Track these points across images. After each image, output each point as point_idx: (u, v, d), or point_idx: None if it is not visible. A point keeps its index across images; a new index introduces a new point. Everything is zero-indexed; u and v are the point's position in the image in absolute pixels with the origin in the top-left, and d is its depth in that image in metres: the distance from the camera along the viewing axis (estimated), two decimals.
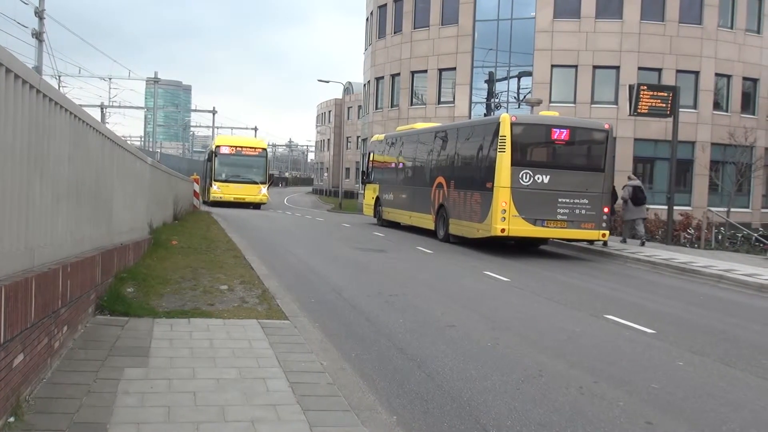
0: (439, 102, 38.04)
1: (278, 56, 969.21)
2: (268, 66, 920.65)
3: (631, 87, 22.58)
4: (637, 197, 20.11)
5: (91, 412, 4.58)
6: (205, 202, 37.90)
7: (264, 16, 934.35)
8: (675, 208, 22.56)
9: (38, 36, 30.40)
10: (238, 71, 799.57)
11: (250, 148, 39.39)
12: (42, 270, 5.08)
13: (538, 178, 17.08)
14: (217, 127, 79.38)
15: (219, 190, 37.38)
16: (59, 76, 49.60)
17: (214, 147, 39.16)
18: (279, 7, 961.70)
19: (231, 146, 38.84)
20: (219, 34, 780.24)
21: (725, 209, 27.01)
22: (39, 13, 30.39)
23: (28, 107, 4.86)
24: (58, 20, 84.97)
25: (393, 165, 26.30)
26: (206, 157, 43.21)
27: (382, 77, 42.24)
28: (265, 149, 39.75)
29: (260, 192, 38.25)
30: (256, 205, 38.44)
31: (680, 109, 22.86)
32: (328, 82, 50.50)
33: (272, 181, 41.45)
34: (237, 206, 36.08)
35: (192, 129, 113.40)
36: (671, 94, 22.22)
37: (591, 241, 18.69)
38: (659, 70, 33.19)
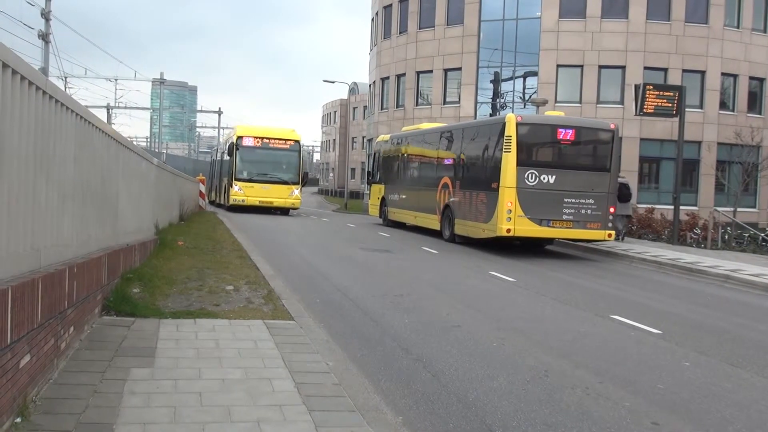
0: (445, 102, 38.03)
1: (281, 56, 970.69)
2: (271, 66, 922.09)
3: (636, 87, 22.59)
4: (623, 194, 20.32)
5: (98, 412, 4.59)
6: (217, 204, 35.47)
7: (266, 16, 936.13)
8: (681, 208, 22.52)
9: (44, 37, 30.48)
10: (241, 71, 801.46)
11: (280, 139, 31.75)
12: (48, 271, 5.10)
13: (544, 178, 17.05)
14: (223, 128, 79.52)
15: (241, 192, 30.64)
16: (65, 77, 49.72)
17: (234, 138, 31.95)
18: (280, 7, 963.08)
19: (256, 137, 31.46)
20: (221, 34, 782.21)
21: (732, 209, 26.92)
22: (45, 15, 30.48)
23: (35, 108, 4.88)
24: (63, 21, 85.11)
25: (398, 165, 26.30)
26: (224, 150, 35.45)
27: (388, 77, 42.24)
28: (297, 141, 31.97)
29: (291, 194, 31.38)
30: (285, 211, 32.20)
31: (686, 109, 22.83)
32: (333, 82, 50.48)
33: (306, 181, 33.45)
34: (262, 211, 31.44)
35: (198, 130, 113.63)
36: (677, 94, 22.19)
37: (589, 241, 18.61)
38: (665, 70, 33.09)
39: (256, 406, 4.88)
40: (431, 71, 38.61)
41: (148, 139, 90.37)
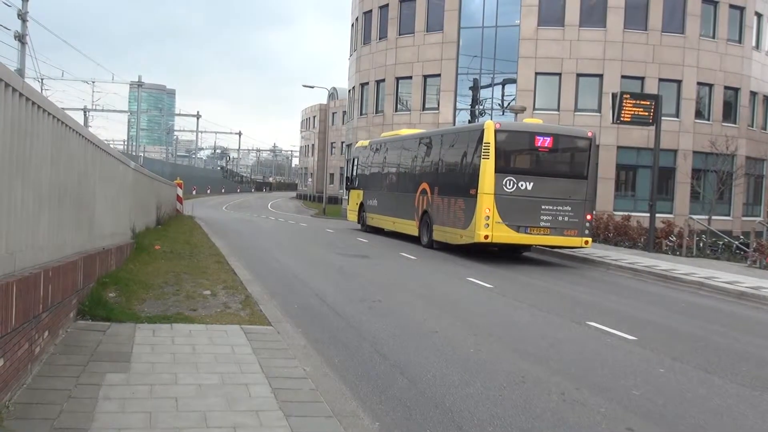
0: (424, 108, 38.10)
1: (261, 60, 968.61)
2: (251, 70, 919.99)
3: (614, 95, 22.76)
4: None
5: (72, 417, 4.54)
6: None
7: (246, 18, 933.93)
8: (657, 215, 22.72)
9: (21, 38, 30.16)
10: (220, 75, 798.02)
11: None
12: (23, 274, 5.04)
13: (522, 185, 17.16)
14: (201, 131, 79.13)
15: None
16: (42, 79, 49.25)
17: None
18: (262, 10, 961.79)
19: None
20: (200, 37, 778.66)
21: (707, 217, 27.21)
22: (22, 16, 30.15)
23: (10, 110, 4.83)
24: (41, 22, 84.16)
25: (377, 171, 26.32)
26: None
27: (367, 83, 42.26)
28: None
29: None
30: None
31: (662, 118, 23.06)
32: (312, 87, 50.48)
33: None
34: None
35: (176, 133, 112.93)
36: (654, 103, 22.41)
37: (566, 247, 18.53)
38: (642, 79, 33.43)
39: (233, 412, 4.85)
40: (411, 77, 38.67)
41: (126, 143, 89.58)
